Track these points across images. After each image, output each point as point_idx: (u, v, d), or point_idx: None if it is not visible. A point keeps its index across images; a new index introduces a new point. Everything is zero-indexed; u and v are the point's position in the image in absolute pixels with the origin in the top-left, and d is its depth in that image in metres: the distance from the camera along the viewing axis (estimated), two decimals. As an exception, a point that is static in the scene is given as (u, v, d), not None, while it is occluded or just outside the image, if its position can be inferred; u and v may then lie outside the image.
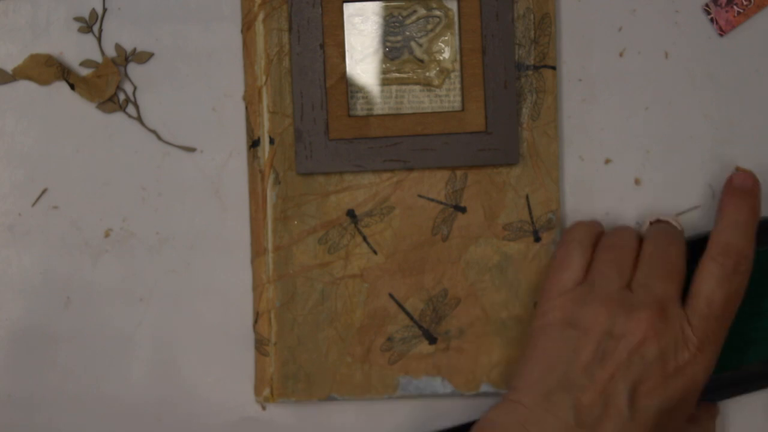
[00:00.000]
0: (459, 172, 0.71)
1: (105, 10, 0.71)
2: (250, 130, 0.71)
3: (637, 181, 0.72)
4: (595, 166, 0.72)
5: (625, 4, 0.72)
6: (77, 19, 0.71)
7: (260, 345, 0.71)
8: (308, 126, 0.69)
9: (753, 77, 0.72)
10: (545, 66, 0.70)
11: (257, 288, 0.71)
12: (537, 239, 0.71)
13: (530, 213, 0.71)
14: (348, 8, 0.70)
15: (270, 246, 0.70)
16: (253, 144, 0.71)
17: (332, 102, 0.70)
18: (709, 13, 0.72)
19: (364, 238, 0.71)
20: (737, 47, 0.72)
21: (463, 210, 0.71)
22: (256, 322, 0.71)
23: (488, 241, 0.71)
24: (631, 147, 0.72)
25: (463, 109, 0.70)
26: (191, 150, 0.71)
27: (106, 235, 0.72)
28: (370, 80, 0.70)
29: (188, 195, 0.72)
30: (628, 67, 0.72)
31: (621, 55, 0.72)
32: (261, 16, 0.70)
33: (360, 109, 0.70)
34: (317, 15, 0.69)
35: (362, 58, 0.71)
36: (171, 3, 0.71)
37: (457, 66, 0.70)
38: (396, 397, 0.71)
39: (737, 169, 0.72)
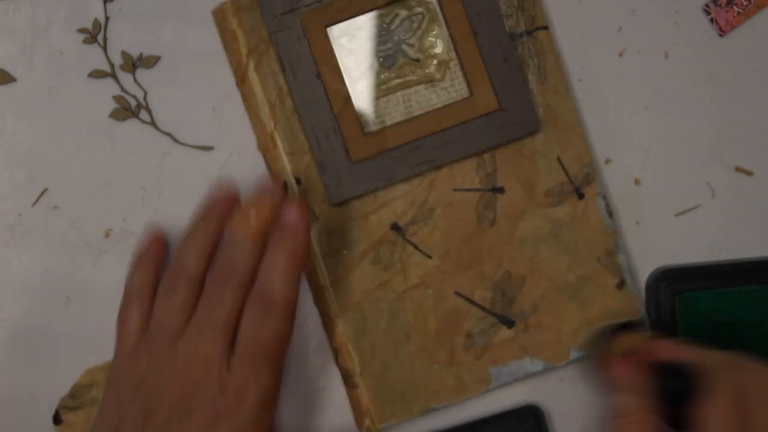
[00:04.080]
0: (486, 156, 0.70)
1: (107, 18, 0.70)
2: (273, 177, 0.70)
3: (637, 181, 0.72)
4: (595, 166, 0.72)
5: (625, 4, 0.72)
6: (81, 30, 0.71)
7: (348, 379, 0.70)
8: (328, 155, 0.69)
9: (753, 77, 0.72)
10: (537, 28, 0.70)
11: (328, 325, 0.70)
12: (581, 196, 0.71)
13: (566, 173, 0.71)
14: (332, 31, 0.70)
15: (327, 282, 0.70)
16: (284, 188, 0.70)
17: (344, 125, 0.69)
18: (709, 13, 0.72)
19: (415, 247, 0.71)
20: (737, 47, 0.72)
21: (501, 190, 0.71)
22: (336, 358, 0.71)
23: (534, 212, 0.71)
24: (631, 147, 0.72)
25: (471, 95, 0.70)
26: (208, 149, 0.71)
27: (106, 235, 0.72)
28: (374, 94, 0.70)
29: (188, 195, 0.72)
30: (628, 67, 0.72)
31: (621, 55, 0.72)
32: (252, 65, 0.70)
33: (373, 125, 0.70)
34: (305, 47, 0.69)
35: (360, 76, 0.70)
36: (171, 3, 0.71)
37: (454, 55, 0.70)
38: (491, 389, 0.71)
39: (736, 168, 0.72)
